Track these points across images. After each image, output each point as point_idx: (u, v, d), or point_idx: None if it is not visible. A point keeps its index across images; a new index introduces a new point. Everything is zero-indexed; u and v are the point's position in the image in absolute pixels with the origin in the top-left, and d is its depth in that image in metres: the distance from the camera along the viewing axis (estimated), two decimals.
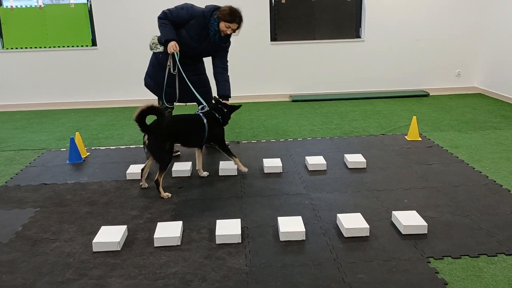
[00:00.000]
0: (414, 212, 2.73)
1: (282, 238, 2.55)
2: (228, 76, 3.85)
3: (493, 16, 6.06)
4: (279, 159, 3.71)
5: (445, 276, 2.18)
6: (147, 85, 3.96)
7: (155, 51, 3.79)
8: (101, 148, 4.35)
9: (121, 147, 4.37)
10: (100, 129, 5.06)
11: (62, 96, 6.26)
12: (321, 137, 4.48)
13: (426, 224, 2.59)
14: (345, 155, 3.78)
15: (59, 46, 6.13)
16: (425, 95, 6.32)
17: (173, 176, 3.53)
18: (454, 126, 4.77)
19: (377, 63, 6.37)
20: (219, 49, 3.77)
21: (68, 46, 6.15)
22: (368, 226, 2.59)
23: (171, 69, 3.67)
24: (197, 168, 3.58)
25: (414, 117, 4.37)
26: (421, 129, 4.66)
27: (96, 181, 3.48)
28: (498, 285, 2.11)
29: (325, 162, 3.62)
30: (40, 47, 6.12)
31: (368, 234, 2.57)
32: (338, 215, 2.71)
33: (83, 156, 4.02)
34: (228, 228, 2.57)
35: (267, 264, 2.32)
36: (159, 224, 2.67)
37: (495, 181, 3.27)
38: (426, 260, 2.32)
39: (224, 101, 3.62)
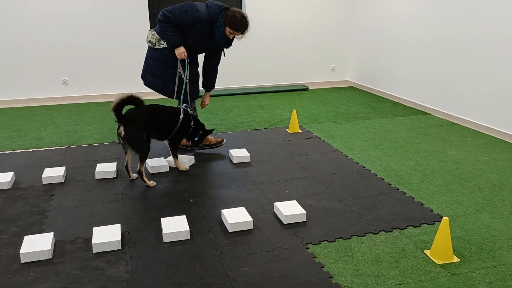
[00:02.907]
0: (294, 201, 2.85)
1: (165, 240, 2.48)
2: (217, 69, 3.87)
3: (360, 16, 6.62)
4: (162, 158, 3.60)
5: (321, 259, 2.32)
6: (148, 84, 3.73)
7: (158, 47, 3.57)
8: None
9: None
10: None
11: None
12: None
13: (305, 212, 2.73)
14: (229, 150, 3.81)
15: None
16: (305, 89, 6.68)
17: (44, 183, 3.21)
18: (330, 118, 5.11)
19: (260, 59, 6.56)
20: (221, 49, 3.72)
21: None
22: (252, 219, 2.63)
23: (183, 76, 3.59)
24: (174, 165, 3.52)
25: (294, 110, 4.58)
26: (301, 121, 4.90)
27: None
28: (367, 262, 2.30)
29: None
30: None
31: (251, 227, 2.62)
32: (223, 210, 2.72)
33: None
34: (107, 235, 2.42)
35: (150, 269, 2.23)
36: (26, 237, 2.41)
37: (364, 167, 3.58)
38: (305, 246, 2.44)
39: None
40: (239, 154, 3.70)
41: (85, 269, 2.22)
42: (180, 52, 3.52)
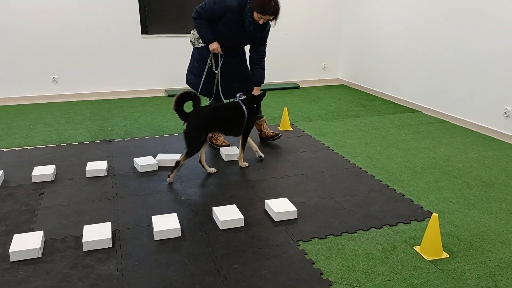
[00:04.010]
0: (286, 199, 2.86)
1: (156, 237, 2.47)
2: (264, 63, 3.78)
3: (351, 15, 6.64)
4: (151, 156, 3.58)
5: (312, 256, 2.33)
6: (188, 82, 3.81)
7: (197, 46, 3.61)
8: None
9: None
10: None
11: None
12: None
13: (296, 210, 2.73)
14: (220, 148, 3.81)
15: None
16: (296, 87, 6.69)
17: (33, 181, 3.19)
18: (322, 116, 5.12)
19: None
20: (258, 38, 3.63)
21: None
22: (243, 217, 2.64)
23: (213, 67, 3.58)
24: (237, 158, 3.60)
25: (285, 108, 4.59)
26: (292, 119, 4.91)
27: None
28: (357, 258, 2.31)
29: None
30: None
31: (243, 225, 2.62)
32: (214, 208, 2.72)
33: None
34: (97, 233, 2.41)
35: (140, 266, 2.22)
36: (15, 236, 2.39)
37: (355, 165, 3.59)
38: (296, 243, 2.45)
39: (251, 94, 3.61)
40: (230, 152, 3.70)
41: (75, 267, 2.21)
42: (214, 48, 3.53)
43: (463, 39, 4.61)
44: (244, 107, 3.38)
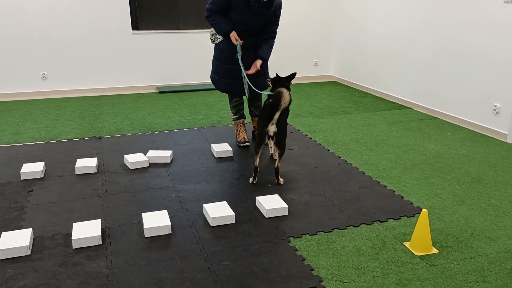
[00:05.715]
0: (276, 195, 2.86)
1: (147, 234, 2.46)
2: (273, 42, 3.75)
3: (342, 11, 6.65)
4: (141, 153, 3.56)
5: (303, 252, 2.33)
6: (211, 79, 3.96)
7: (216, 42, 3.71)
8: None
9: None
10: None
11: None
12: (188, 128, 4.44)
13: (287, 206, 2.74)
14: (212, 144, 3.80)
15: None
16: None
17: (22, 179, 3.16)
18: (313, 112, 5.13)
19: None
20: (269, 18, 3.61)
21: None
22: (233, 213, 2.63)
23: (238, 57, 3.64)
24: (271, 153, 3.64)
25: None
26: None
27: None
28: (347, 254, 2.32)
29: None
30: None
31: (233, 221, 2.62)
32: (204, 205, 2.72)
33: None
34: (87, 230, 2.39)
35: (130, 264, 2.21)
36: (3, 234, 2.36)
37: (346, 161, 3.61)
38: (287, 240, 2.45)
39: (272, 75, 3.57)
40: (221, 148, 3.69)
41: (64, 265, 2.19)
42: (234, 38, 3.56)
43: (453, 36, 4.64)
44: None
